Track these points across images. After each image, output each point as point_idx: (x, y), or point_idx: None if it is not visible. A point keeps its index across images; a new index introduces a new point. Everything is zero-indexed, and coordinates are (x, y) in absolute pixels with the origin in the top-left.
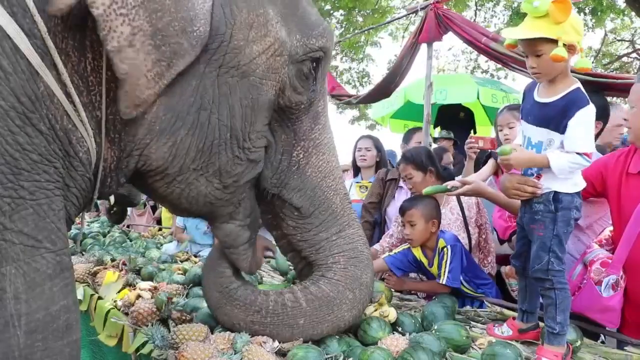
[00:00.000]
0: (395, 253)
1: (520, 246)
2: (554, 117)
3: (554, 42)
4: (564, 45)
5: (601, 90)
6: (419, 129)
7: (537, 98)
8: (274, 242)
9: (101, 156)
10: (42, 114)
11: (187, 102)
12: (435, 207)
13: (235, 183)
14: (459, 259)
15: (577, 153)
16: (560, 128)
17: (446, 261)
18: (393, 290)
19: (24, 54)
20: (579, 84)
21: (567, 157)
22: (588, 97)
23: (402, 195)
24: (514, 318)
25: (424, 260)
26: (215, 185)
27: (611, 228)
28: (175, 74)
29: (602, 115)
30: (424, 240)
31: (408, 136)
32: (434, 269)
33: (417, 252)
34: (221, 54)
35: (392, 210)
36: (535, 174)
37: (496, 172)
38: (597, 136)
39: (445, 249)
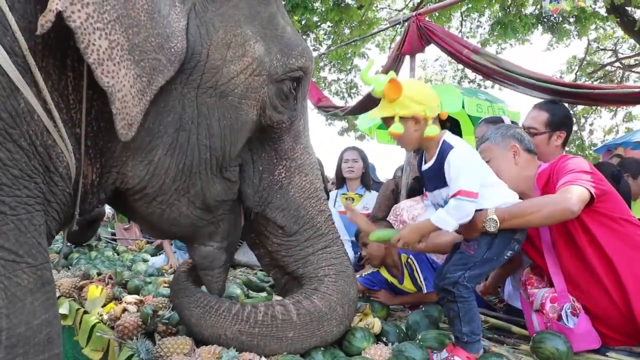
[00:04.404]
0: (364, 275)
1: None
2: (438, 175)
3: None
4: (401, 118)
5: (579, 98)
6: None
7: (423, 167)
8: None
9: (80, 172)
10: (22, 130)
11: (163, 122)
12: (387, 227)
13: (216, 202)
14: (427, 265)
15: (453, 196)
16: (446, 181)
17: (416, 271)
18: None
19: (5, 71)
20: (445, 135)
21: (446, 209)
22: (456, 140)
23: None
24: (453, 345)
25: (394, 281)
26: (197, 205)
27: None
28: (156, 89)
29: (565, 124)
30: (381, 258)
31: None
32: (406, 285)
33: (385, 274)
34: (198, 74)
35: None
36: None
37: None
38: (563, 145)
39: (409, 260)
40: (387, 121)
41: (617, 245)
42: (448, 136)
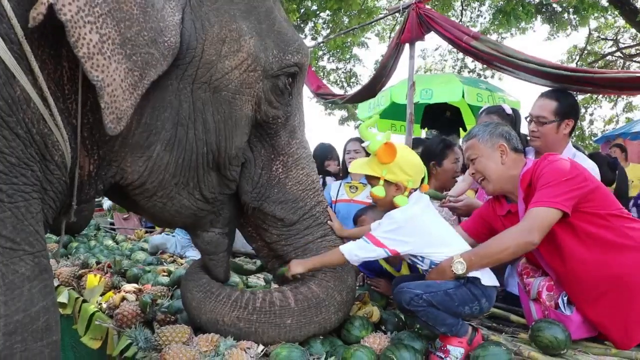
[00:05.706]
0: None
1: None
2: None
3: (379, 179)
4: (386, 182)
5: (581, 85)
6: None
7: None
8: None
9: (77, 162)
10: (18, 118)
11: (161, 118)
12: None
13: (214, 195)
14: None
15: (365, 238)
16: None
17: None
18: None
19: (0, 58)
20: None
21: (356, 243)
22: (409, 205)
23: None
24: (445, 336)
25: (389, 268)
26: (197, 197)
27: None
28: (148, 84)
29: (573, 112)
30: None
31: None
32: (403, 272)
33: (381, 261)
34: (193, 69)
35: None
36: (426, 266)
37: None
38: (570, 133)
39: None
40: (371, 179)
41: (608, 241)
42: (412, 198)
